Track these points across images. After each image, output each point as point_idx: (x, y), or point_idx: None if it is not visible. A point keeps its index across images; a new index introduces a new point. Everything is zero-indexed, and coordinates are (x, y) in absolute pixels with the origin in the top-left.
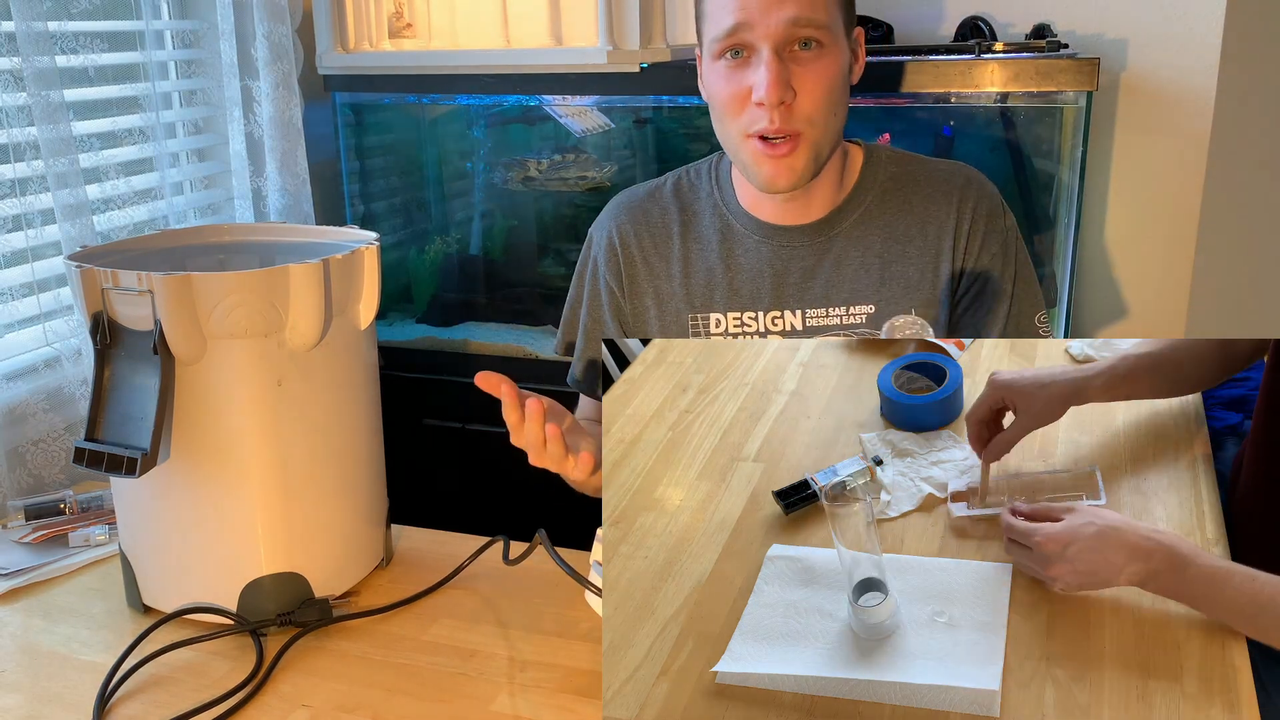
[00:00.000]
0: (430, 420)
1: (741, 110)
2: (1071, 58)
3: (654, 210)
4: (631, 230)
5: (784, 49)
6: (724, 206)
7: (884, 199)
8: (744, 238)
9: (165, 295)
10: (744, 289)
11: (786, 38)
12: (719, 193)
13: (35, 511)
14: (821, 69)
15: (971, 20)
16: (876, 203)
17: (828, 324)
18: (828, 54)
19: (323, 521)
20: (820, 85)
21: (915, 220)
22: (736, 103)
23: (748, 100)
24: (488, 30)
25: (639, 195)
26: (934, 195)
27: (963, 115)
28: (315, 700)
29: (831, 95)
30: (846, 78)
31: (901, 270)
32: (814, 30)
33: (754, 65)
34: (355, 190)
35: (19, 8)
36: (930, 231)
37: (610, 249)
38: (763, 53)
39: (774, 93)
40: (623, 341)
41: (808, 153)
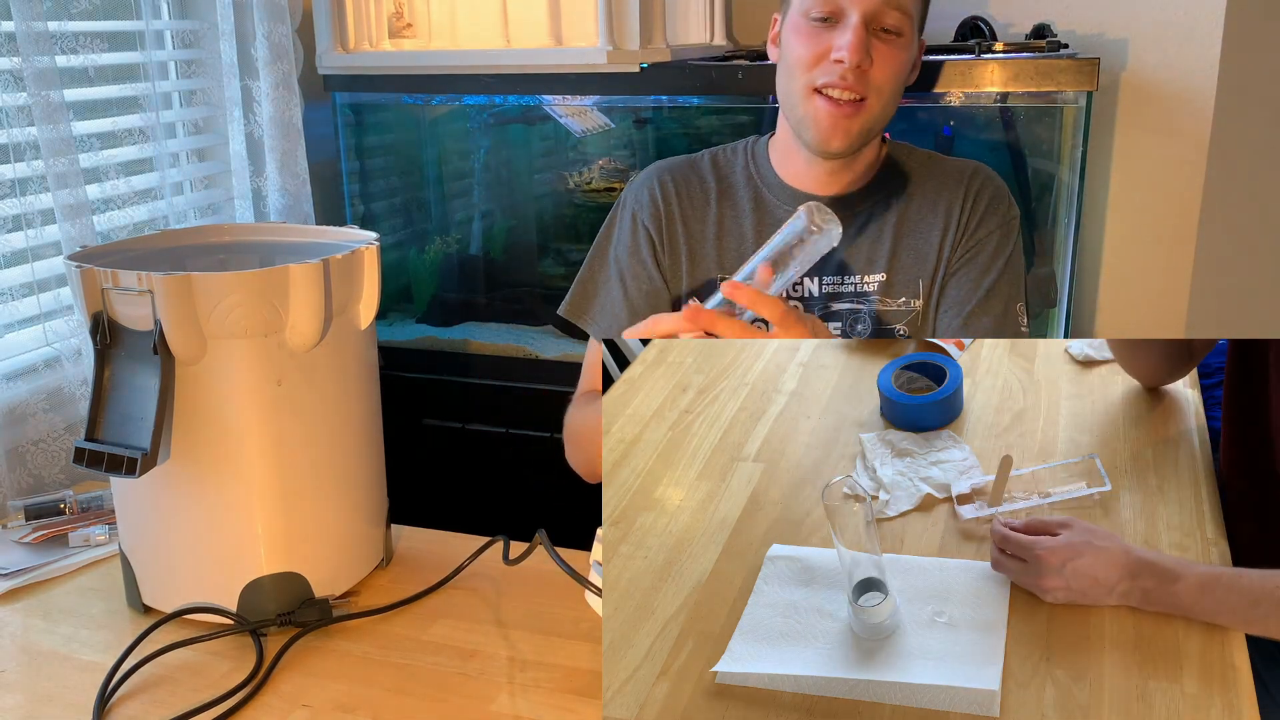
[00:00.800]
0: (430, 420)
1: (815, 65)
2: (1071, 58)
3: (693, 176)
4: (673, 188)
5: (872, 22)
6: (758, 179)
7: (905, 185)
8: (775, 208)
9: (165, 295)
10: None
11: (877, 11)
12: (754, 165)
13: (35, 511)
14: (896, 51)
15: (971, 20)
16: (898, 188)
17: (842, 290)
18: (903, 43)
19: (323, 521)
20: (893, 64)
21: (929, 201)
22: (814, 59)
23: (825, 58)
24: (488, 30)
25: (678, 161)
26: (947, 180)
27: (963, 115)
28: (315, 700)
29: (898, 77)
30: (909, 71)
31: (912, 243)
32: (899, 15)
33: (841, 30)
34: (355, 190)
35: (19, 8)
36: (940, 209)
37: (653, 201)
38: (852, 18)
39: (855, 54)
40: (623, 341)
41: (866, 121)
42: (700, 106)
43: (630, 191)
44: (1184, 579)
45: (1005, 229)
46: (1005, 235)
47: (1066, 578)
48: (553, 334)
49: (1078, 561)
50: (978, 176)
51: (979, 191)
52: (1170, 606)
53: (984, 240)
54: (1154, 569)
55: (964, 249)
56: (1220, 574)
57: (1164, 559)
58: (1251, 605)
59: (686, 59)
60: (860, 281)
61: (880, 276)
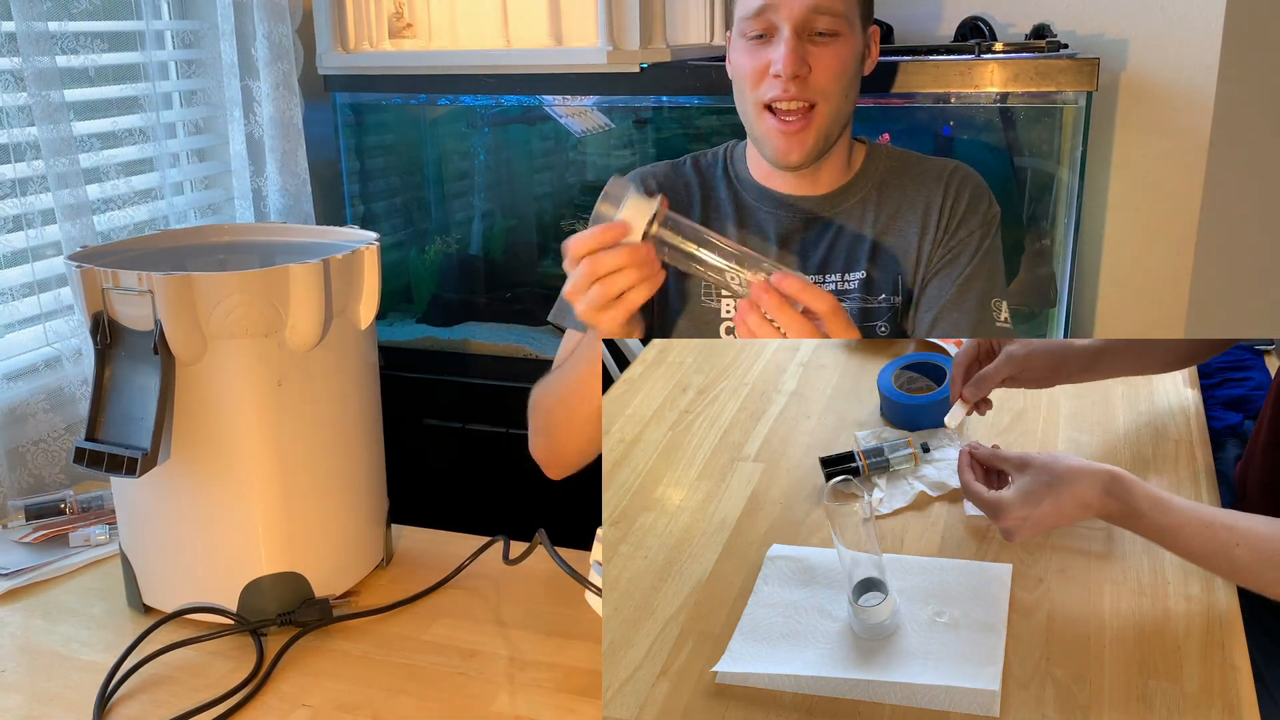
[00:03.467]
0: (430, 420)
1: (759, 81)
2: (1071, 58)
3: (677, 178)
4: (657, 188)
5: (803, 31)
6: (737, 183)
7: (882, 185)
8: (755, 210)
9: (165, 295)
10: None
11: (806, 20)
12: (733, 169)
13: (35, 511)
14: (835, 51)
15: (971, 20)
16: (875, 188)
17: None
18: (842, 41)
19: (323, 521)
20: (833, 65)
21: (907, 200)
22: (756, 75)
23: (766, 73)
24: (488, 30)
25: (661, 166)
26: (926, 179)
27: (963, 115)
28: (315, 700)
29: (844, 75)
30: (859, 65)
31: (892, 241)
32: (831, 18)
33: (775, 43)
34: (355, 190)
35: (19, 8)
36: (919, 207)
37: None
38: (783, 31)
39: (790, 66)
40: (623, 342)
41: (819, 129)
42: (700, 106)
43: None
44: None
45: (985, 227)
46: (984, 235)
47: (1028, 527)
48: (553, 334)
49: (1038, 510)
50: (957, 175)
51: (959, 190)
52: (1126, 517)
53: (965, 240)
54: (1110, 477)
55: (945, 249)
56: (1177, 508)
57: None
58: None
59: (686, 59)
60: (841, 280)
61: (861, 275)
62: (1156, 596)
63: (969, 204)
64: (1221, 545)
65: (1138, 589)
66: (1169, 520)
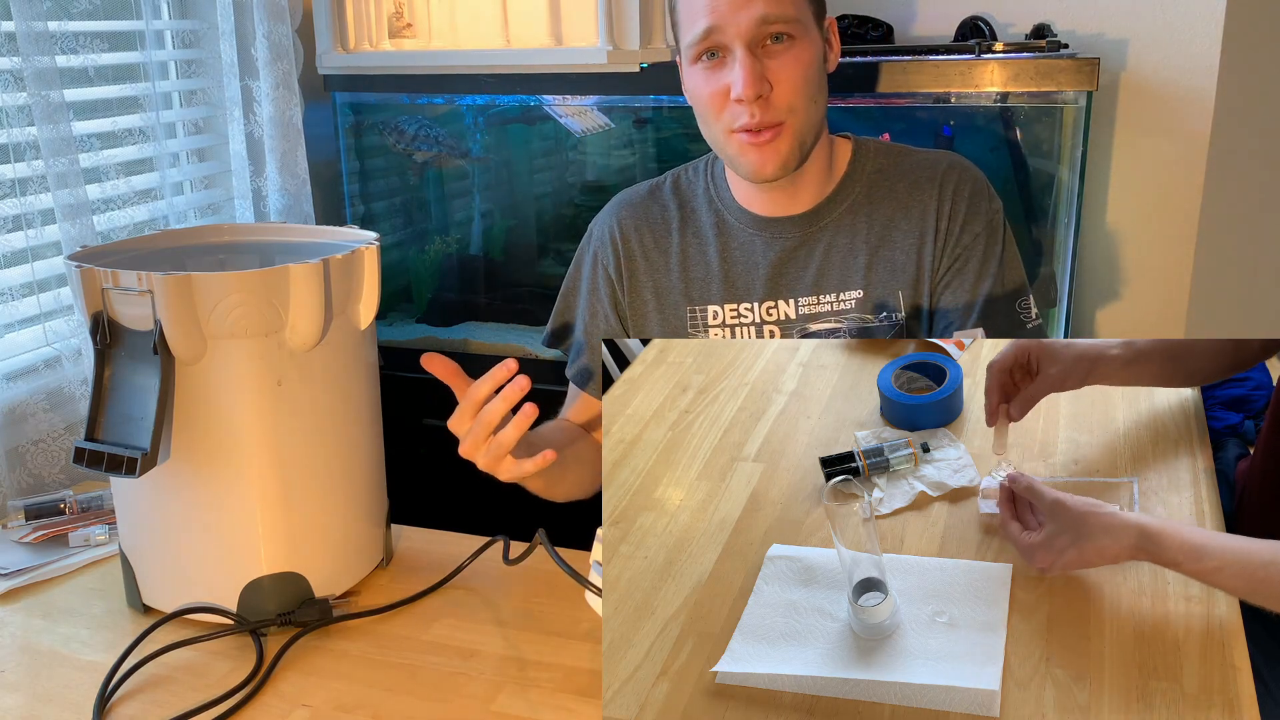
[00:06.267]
0: (430, 420)
1: (723, 109)
2: (1071, 58)
3: (654, 208)
4: (632, 226)
5: (756, 46)
6: (719, 202)
7: (871, 189)
8: (738, 231)
9: (165, 295)
10: (739, 281)
11: (757, 35)
12: (714, 188)
13: (35, 511)
14: (794, 59)
15: (971, 20)
16: (864, 193)
17: (819, 311)
18: (799, 45)
19: (323, 521)
20: (795, 74)
21: (900, 207)
22: (717, 102)
23: (727, 98)
24: (488, 30)
25: (640, 193)
26: (918, 181)
27: (963, 115)
28: (315, 700)
29: (808, 83)
30: (822, 66)
31: (888, 255)
32: (783, 25)
33: (729, 64)
34: (355, 190)
35: (19, 8)
36: (914, 215)
37: (612, 243)
38: (736, 51)
39: (750, 88)
40: (623, 341)
41: (791, 139)
42: None
43: (595, 225)
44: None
45: (990, 228)
46: (992, 235)
47: (1056, 569)
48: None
49: (1064, 558)
50: (951, 173)
51: (955, 191)
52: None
53: (971, 246)
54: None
55: (950, 258)
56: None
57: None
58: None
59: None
60: (836, 300)
61: (857, 293)
62: (1156, 596)
63: (969, 205)
64: (1260, 582)
65: (1138, 589)
66: (1205, 566)
